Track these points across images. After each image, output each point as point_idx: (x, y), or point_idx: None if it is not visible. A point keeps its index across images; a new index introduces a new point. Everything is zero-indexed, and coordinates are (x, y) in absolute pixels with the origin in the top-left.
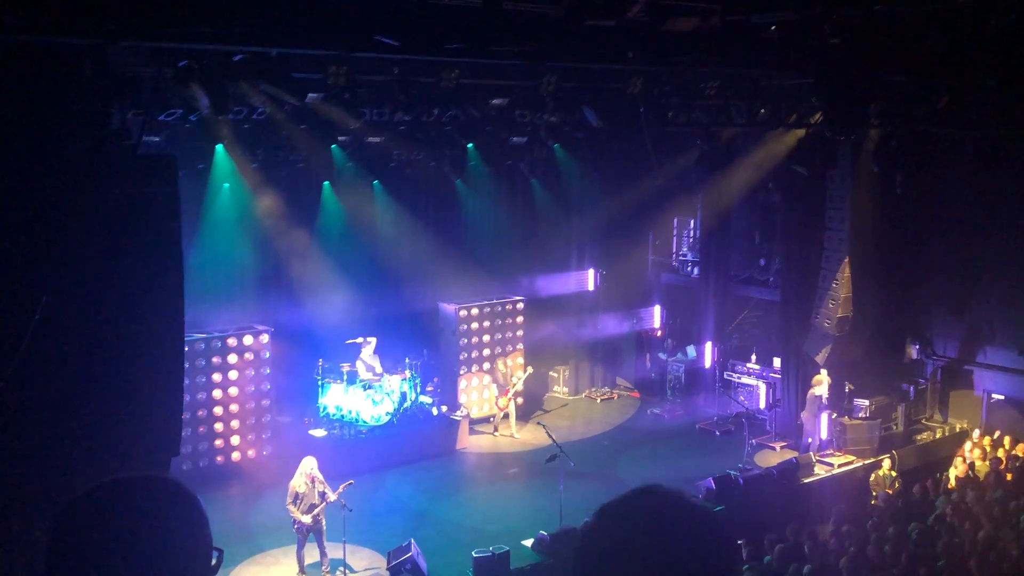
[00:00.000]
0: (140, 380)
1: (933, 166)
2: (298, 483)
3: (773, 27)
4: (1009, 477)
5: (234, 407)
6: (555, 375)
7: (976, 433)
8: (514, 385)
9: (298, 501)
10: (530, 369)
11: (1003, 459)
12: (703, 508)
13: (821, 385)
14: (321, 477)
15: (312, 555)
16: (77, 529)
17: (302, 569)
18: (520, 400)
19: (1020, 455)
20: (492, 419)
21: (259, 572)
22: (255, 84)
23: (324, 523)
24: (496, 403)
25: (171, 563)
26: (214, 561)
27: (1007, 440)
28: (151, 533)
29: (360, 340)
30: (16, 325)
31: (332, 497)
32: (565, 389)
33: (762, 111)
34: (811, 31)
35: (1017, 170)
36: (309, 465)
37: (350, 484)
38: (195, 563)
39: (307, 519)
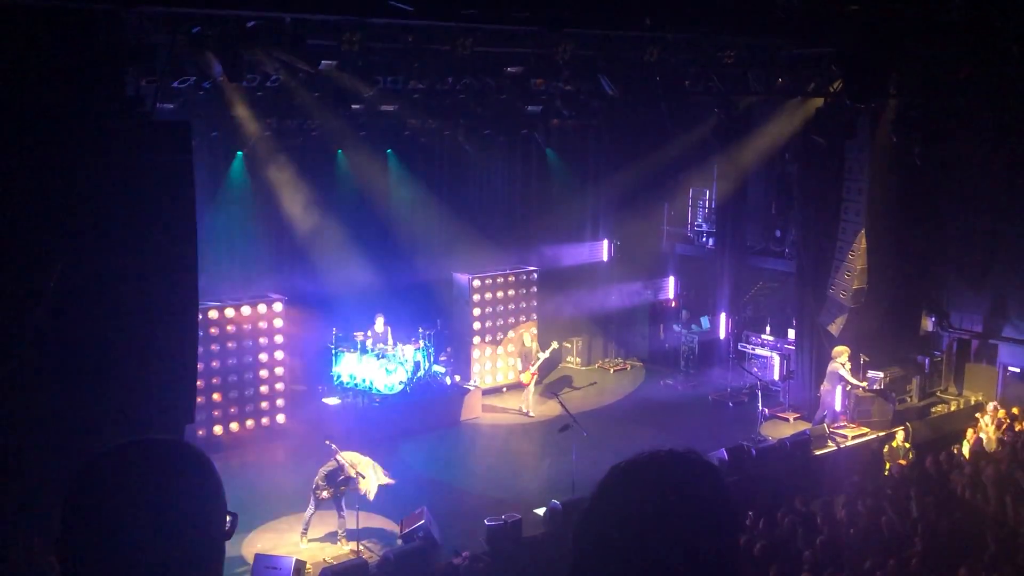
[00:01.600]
0: (155, 347)
1: (952, 138)
2: (350, 466)
3: None
4: (1021, 449)
5: (248, 375)
6: (568, 346)
7: (991, 406)
8: (538, 360)
9: (330, 481)
10: (554, 344)
11: (1017, 432)
12: (709, 466)
13: (843, 357)
14: (372, 485)
15: (327, 521)
16: (93, 489)
17: (305, 530)
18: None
19: None
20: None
21: (273, 538)
22: (269, 51)
23: (343, 499)
24: (519, 377)
25: (186, 525)
26: (228, 525)
27: (1015, 411)
28: (166, 495)
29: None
30: (32, 291)
31: (372, 490)
32: (578, 360)
33: (780, 80)
34: None
35: None
36: (365, 469)
37: (390, 484)
38: (210, 526)
39: (326, 493)
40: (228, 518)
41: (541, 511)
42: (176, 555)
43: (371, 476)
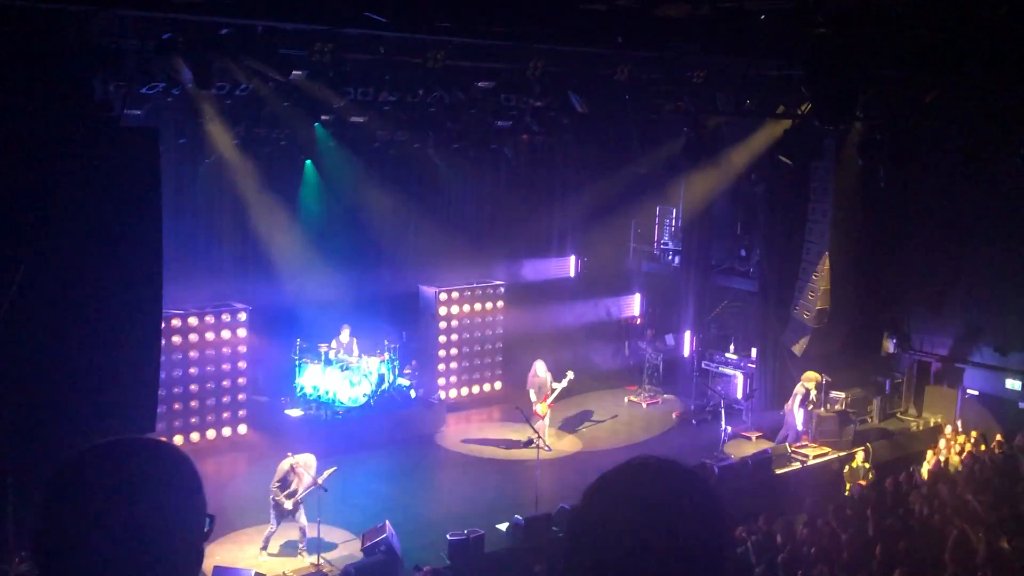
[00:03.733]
0: (116, 355)
1: (917, 161)
2: (290, 467)
3: (763, 16)
4: (981, 472)
5: (210, 385)
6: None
7: (949, 429)
8: (554, 391)
9: (284, 486)
10: (569, 374)
11: (976, 454)
12: (697, 475)
13: (811, 383)
14: (313, 473)
15: (288, 534)
16: (71, 488)
17: (265, 547)
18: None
19: (992, 449)
20: (537, 432)
21: (233, 550)
22: (239, 59)
23: (303, 508)
24: (535, 409)
25: (164, 525)
26: (207, 527)
27: (974, 434)
28: (145, 494)
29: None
30: None
31: (319, 481)
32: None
33: (748, 101)
34: (802, 20)
35: (1000, 168)
36: (308, 460)
37: (334, 471)
38: (188, 526)
39: (288, 504)
40: (207, 520)
41: (504, 526)
42: (154, 555)
43: (309, 470)
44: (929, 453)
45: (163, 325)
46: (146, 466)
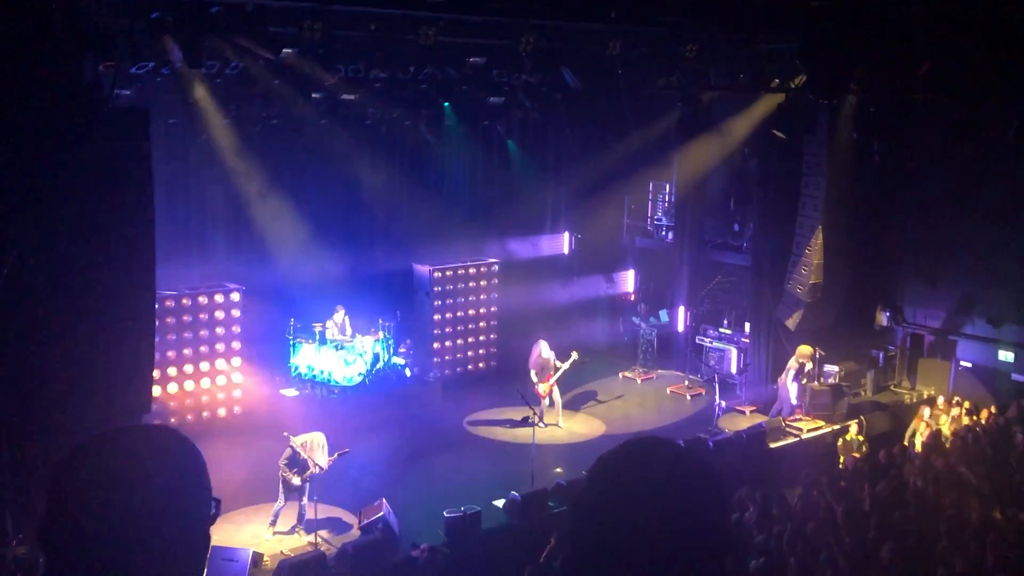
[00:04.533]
0: (110, 337)
1: (911, 135)
2: (301, 445)
3: None
4: (972, 443)
5: (204, 365)
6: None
7: (941, 400)
8: (557, 370)
9: (293, 464)
10: (574, 355)
11: (969, 426)
12: (694, 453)
13: (805, 357)
14: (325, 453)
15: (288, 512)
16: (78, 475)
17: (274, 521)
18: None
19: (984, 421)
20: (533, 409)
21: (230, 530)
22: (229, 37)
23: (308, 488)
24: (536, 390)
25: (172, 511)
26: (213, 511)
27: (966, 404)
28: (152, 480)
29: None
30: None
31: (324, 466)
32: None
33: (741, 75)
34: None
35: (993, 140)
36: (318, 438)
37: (345, 452)
38: (195, 511)
39: (296, 481)
40: (213, 503)
41: (500, 503)
42: (162, 540)
43: (321, 450)
44: (921, 425)
45: (157, 306)
46: (152, 452)
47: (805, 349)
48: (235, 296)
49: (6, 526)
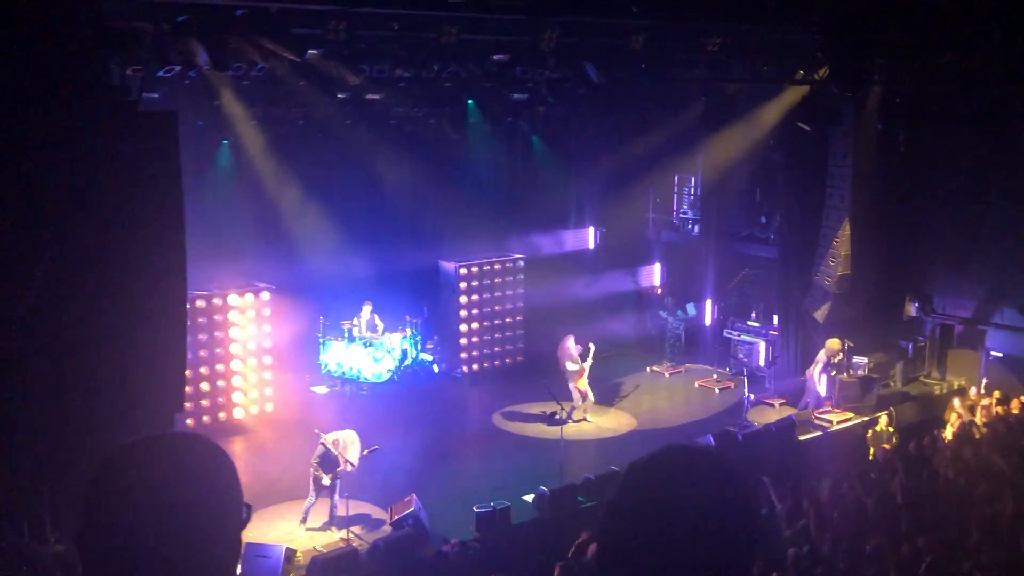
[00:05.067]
0: (143, 337)
1: (936, 123)
2: (332, 443)
3: None
4: (1005, 434)
5: (236, 364)
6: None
7: (973, 390)
8: (587, 366)
9: (324, 462)
10: (592, 346)
11: (1000, 415)
12: (729, 465)
13: (833, 351)
14: (356, 451)
15: (319, 509)
16: (114, 483)
17: (305, 519)
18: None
19: (1016, 411)
20: (561, 404)
21: (262, 526)
22: (254, 40)
23: (338, 485)
24: (576, 386)
25: (204, 516)
26: (244, 516)
27: (996, 395)
28: (185, 487)
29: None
30: (20, 283)
31: (355, 464)
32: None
33: (766, 67)
34: None
35: (1019, 126)
36: (350, 436)
37: (375, 450)
38: (227, 517)
39: (326, 479)
40: (244, 509)
41: (530, 498)
42: (195, 546)
43: (353, 448)
44: (953, 416)
45: (188, 306)
46: (185, 460)
47: (834, 343)
48: (265, 295)
49: (45, 525)
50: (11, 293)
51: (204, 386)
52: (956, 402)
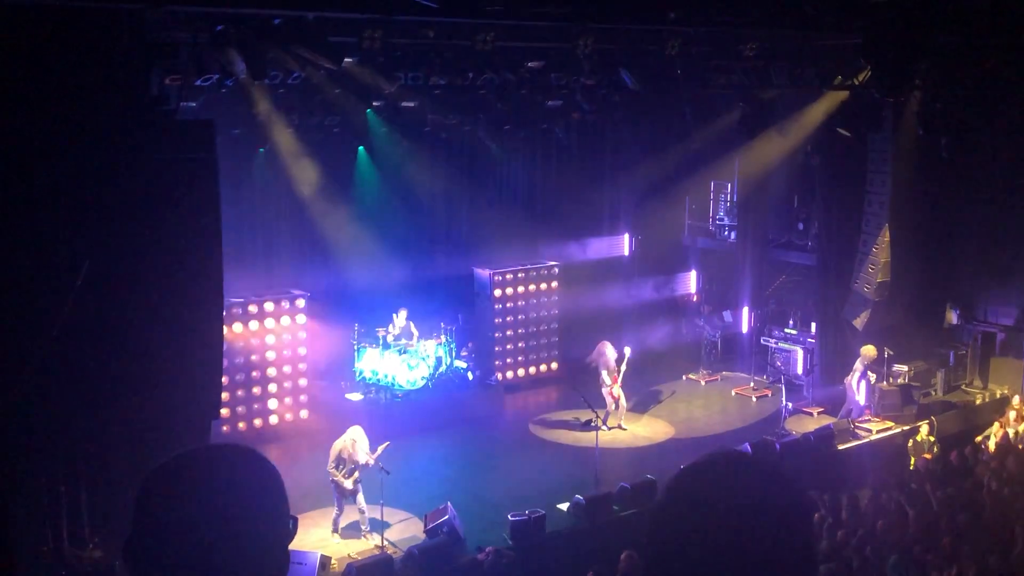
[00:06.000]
0: (180, 344)
1: (977, 129)
2: (342, 447)
3: None
4: None
5: (271, 371)
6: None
7: (1017, 399)
8: (620, 371)
9: (340, 465)
10: (627, 350)
11: None
12: (782, 471)
13: (869, 358)
14: (366, 446)
15: (350, 516)
16: (163, 494)
17: (336, 530)
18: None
19: None
20: (596, 412)
21: (299, 533)
22: (291, 48)
23: (361, 487)
24: (610, 392)
25: (253, 528)
26: (291, 529)
27: None
28: (235, 499)
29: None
30: (59, 290)
31: (371, 460)
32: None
33: (804, 72)
34: None
35: None
36: (356, 433)
37: (387, 446)
38: (275, 529)
39: (348, 483)
40: (291, 522)
41: (565, 506)
42: (245, 558)
43: (361, 441)
44: (996, 425)
45: (224, 313)
46: (233, 472)
47: (870, 350)
48: (300, 302)
49: (84, 530)
50: (51, 301)
51: (240, 393)
52: (1012, 414)
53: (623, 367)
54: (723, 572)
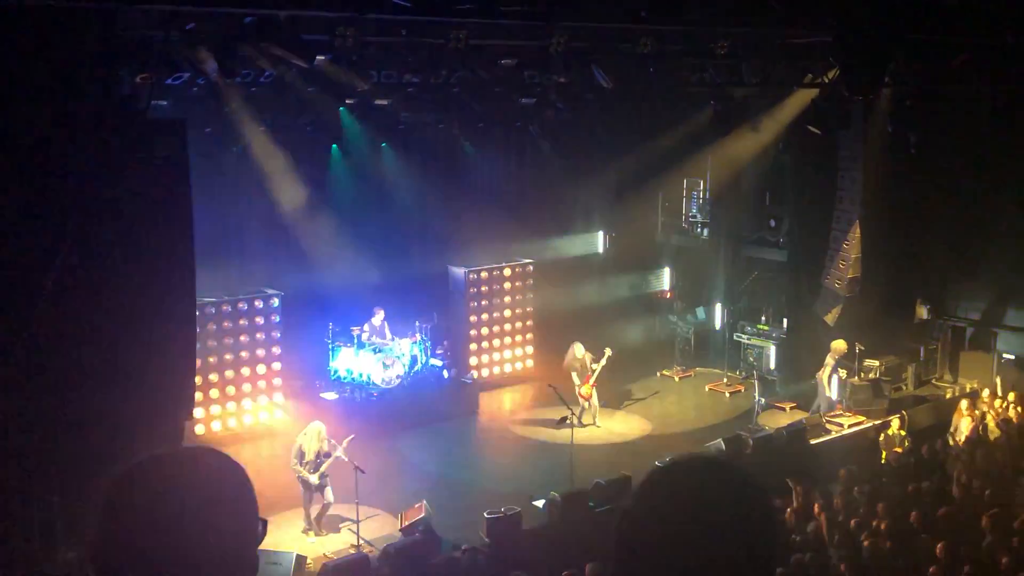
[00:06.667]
0: (152, 345)
1: (947, 126)
2: (302, 443)
3: None
4: (1018, 436)
5: (245, 371)
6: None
7: (986, 392)
8: (594, 371)
9: (303, 461)
10: (608, 351)
11: (1013, 418)
12: (748, 476)
13: (839, 352)
14: (327, 440)
15: (317, 508)
16: (129, 497)
17: (308, 523)
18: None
19: None
20: (571, 409)
21: (274, 532)
22: (263, 47)
23: (329, 481)
24: (579, 392)
25: (222, 531)
26: (260, 530)
27: (1011, 396)
28: (202, 502)
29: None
30: (30, 291)
31: (339, 453)
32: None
33: (775, 71)
34: None
35: None
36: (316, 428)
37: (351, 439)
38: (245, 532)
39: (313, 478)
40: (260, 524)
41: (540, 503)
42: (212, 561)
43: (317, 438)
44: (963, 420)
45: (197, 312)
46: (200, 475)
47: (840, 344)
48: (275, 302)
49: (55, 532)
50: (22, 301)
51: (214, 393)
52: (963, 404)
53: (601, 366)
54: (690, 572)
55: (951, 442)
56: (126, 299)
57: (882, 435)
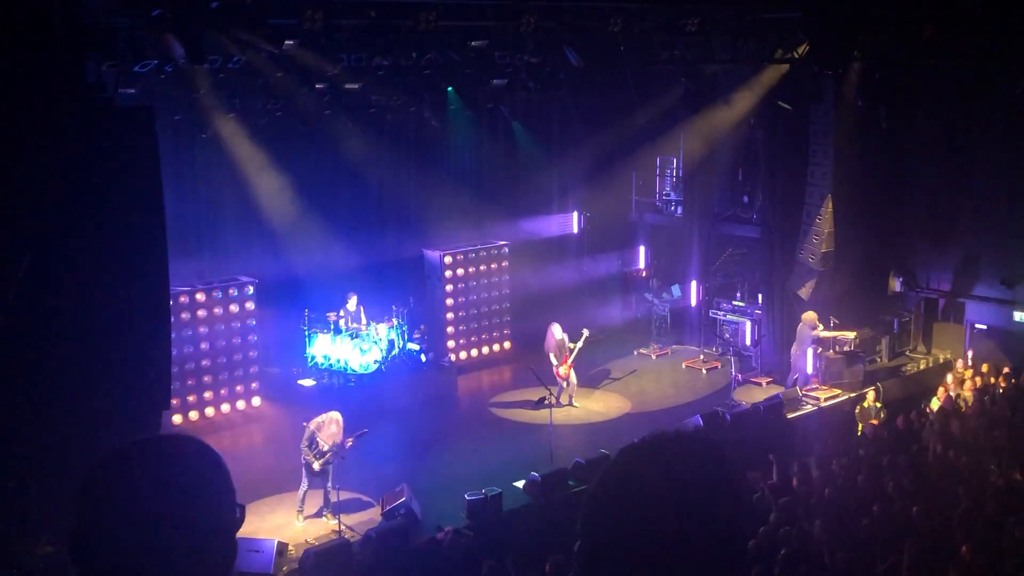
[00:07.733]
0: (127, 336)
1: (917, 99)
2: (317, 428)
3: None
4: (991, 406)
5: (221, 359)
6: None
7: (959, 363)
8: (572, 351)
9: (313, 446)
10: (586, 332)
11: (985, 387)
12: (717, 449)
13: (812, 322)
14: (340, 428)
15: (314, 497)
16: (105, 486)
17: (301, 509)
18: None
19: (1002, 384)
20: (549, 389)
21: (254, 521)
22: (230, 32)
23: (331, 470)
24: (557, 372)
25: (198, 518)
26: (238, 516)
27: (985, 367)
28: (178, 489)
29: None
30: (1, 284)
31: (343, 444)
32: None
33: (745, 46)
34: None
35: (999, 100)
36: (334, 417)
37: (364, 433)
38: (221, 518)
39: (317, 465)
40: (237, 510)
41: (521, 484)
42: (190, 548)
43: (336, 427)
44: (940, 390)
45: (171, 302)
46: (176, 462)
47: (810, 316)
48: (249, 289)
49: (34, 525)
50: None
51: (191, 382)
52: (949, 377)
53: (578, 346)
54: (657, 550)
55: (927, 412)
56: (99, 289)
57: (858, 407)
